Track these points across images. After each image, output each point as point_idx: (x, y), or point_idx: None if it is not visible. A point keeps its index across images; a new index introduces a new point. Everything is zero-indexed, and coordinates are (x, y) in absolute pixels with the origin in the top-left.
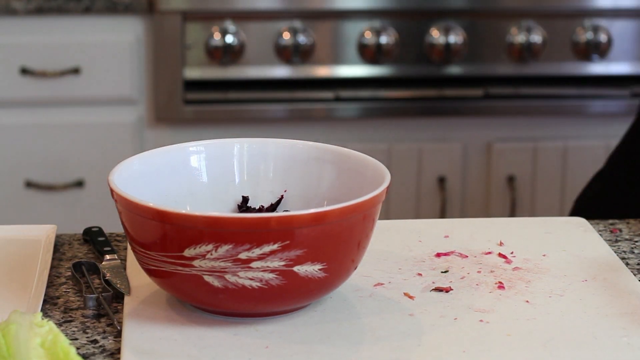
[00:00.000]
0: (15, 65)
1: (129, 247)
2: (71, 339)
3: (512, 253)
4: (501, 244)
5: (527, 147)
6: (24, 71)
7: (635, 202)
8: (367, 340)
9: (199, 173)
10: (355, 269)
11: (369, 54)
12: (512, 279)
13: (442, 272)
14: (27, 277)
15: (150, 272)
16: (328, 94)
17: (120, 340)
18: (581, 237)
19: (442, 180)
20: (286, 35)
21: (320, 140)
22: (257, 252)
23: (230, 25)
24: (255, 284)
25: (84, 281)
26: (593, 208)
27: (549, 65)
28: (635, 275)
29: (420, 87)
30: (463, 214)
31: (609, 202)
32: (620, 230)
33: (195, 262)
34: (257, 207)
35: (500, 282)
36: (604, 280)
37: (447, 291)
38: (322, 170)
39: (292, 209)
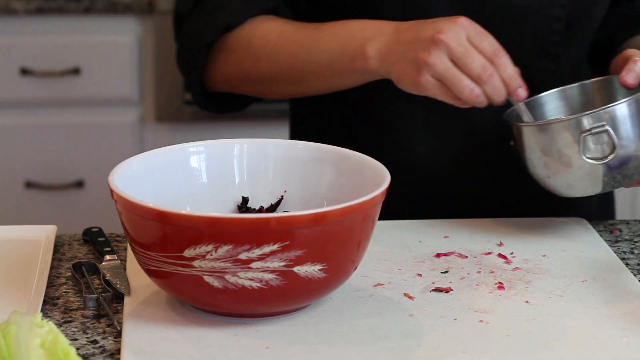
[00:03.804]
0: (15, 65)
1: (129, 247)
2: (71, 340)
3: (511, 253)
4: (501, 244)
5: None
6: (24, 71)
7: None
8: (367, 341)
9: (199, 173)
10: (355, 269)
11: None
12: (512, 279)
13: (442, 272)
14: (27, 278)
15: (150, 273)
16: None
17: (120, 341)
18: (581, 238)
19: None
20: None
21: None
22: (257, 252)
23: None
24: (255, 285)
25: (84, 282)
26: None
27: None
28: (635, 275)
29: None
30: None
31: None
32: (620, 231)
33: (195, 263)
34: (257, 208)
35: (500, 283)
36: (604, 281)
37: (447, 291)
38: (322, 171)
39: (292, 210)
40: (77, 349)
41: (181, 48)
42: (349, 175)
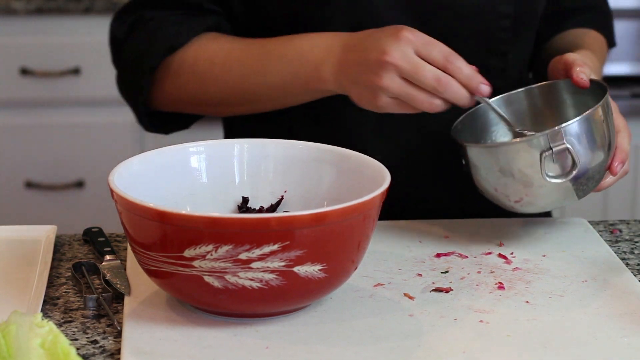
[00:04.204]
0: (15, 65)
1: (129, 247)
2: (71, 340)
3: (512, 253)
4: (501, 244)
5: None
6: (24, 71)
7: None
8: (367, 341)
9: (199, 173)
10: (355, 269)
11: None
12: (512, 279)
13: (442, 272)
14: (27, 278)
15: (150, 273)
16: None
17: (120, 341)
18: (581, 238)
19: None
20: None
21: None
22: (257, 252)
23: None
24: (255, 285)
25: (84, 282)
26: None
27: None
28: (635, 275)
29: None
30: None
31: None
32: (620, 231)
33: (196, 263)
34: (257, 208)
35: (500, 283)
36: (604, 281)
37: (447, 292)
38: (322, 171)
39: (292, 210)
40: (77, 349)
41: (123, 72)
42: (349, 175)
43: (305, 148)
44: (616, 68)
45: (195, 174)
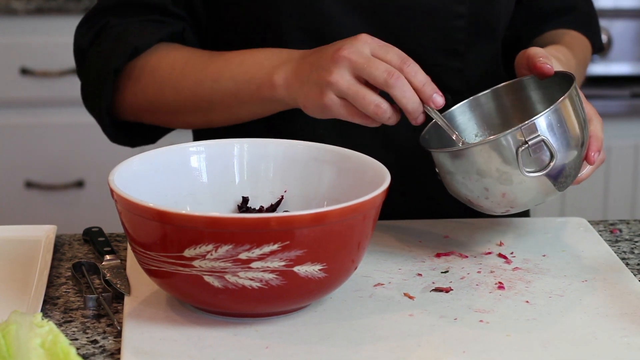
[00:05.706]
0: (15, 65)
1: (129, 247)
2: (71, 339)
3: (512, 253)
4: (501, 244)
5: None
6: (24, 71)
7: None
8: (367, 341)
9: (199, 173)
10: (355, 269)
11: None
12: (512, 279)
13: (442, 272)
14: (27, 277)
15: (150, 273)
16: None
17: (120, 341)
18: (581, 238)
19: None
20: None
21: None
22: (257, 252)
23: None
24: (255, 284)
25: (84, 281)
26: None
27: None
28: (635, 275)
29: None
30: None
31: None
32: (620, 231)
33: (195, 263)
34: (257, 208)
35: (500, 283)
36: (603, 281)
37: (447, 291)
38: (322, 171)
39: (292, 210)
40: (77, 348)
41: (86, 80)
42: (349, 175)
43: (305, 148)
44: (616, 68)
45: (195, 173)
